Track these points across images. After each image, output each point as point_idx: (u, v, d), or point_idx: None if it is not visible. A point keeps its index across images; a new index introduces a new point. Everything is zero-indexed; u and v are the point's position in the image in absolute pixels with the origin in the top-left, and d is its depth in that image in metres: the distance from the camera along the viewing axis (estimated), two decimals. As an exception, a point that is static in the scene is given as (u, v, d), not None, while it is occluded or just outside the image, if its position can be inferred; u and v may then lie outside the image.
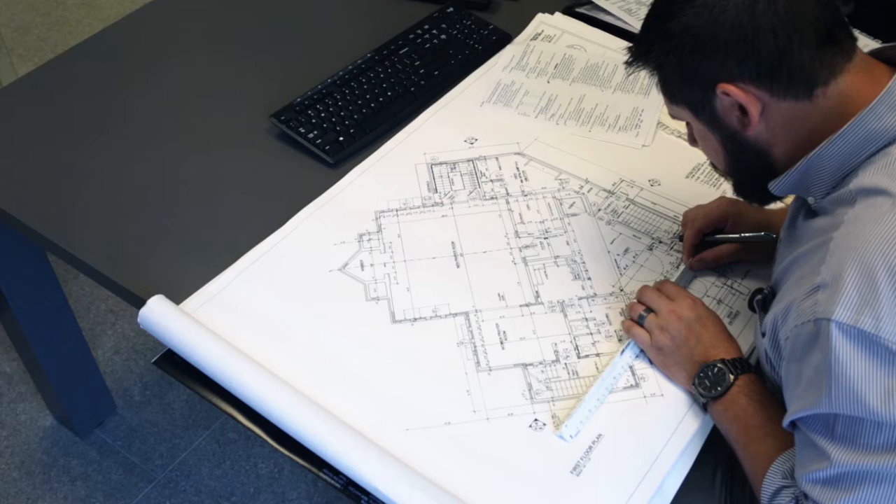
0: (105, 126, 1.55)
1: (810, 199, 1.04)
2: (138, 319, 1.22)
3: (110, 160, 1.49)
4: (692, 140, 1.14)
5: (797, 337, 0.95)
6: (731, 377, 1.11)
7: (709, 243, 1.31)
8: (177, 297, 1.26)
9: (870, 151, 0.97)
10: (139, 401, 2.15)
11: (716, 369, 1.12)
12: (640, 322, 1.21)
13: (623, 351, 1.20)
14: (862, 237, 0.91)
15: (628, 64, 1.08)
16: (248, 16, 1.80)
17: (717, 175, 1.45)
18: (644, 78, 1.62)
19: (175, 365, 1.21)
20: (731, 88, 0.98)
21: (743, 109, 1.00)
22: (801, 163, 1.01)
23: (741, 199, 1.31)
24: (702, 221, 1.31)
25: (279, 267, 1.31)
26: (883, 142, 0.96)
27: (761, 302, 1.11)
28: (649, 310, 1.20)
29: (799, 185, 1.03)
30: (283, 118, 1.51)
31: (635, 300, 1.24)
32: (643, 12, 1.07)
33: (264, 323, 1.24)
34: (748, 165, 1.07)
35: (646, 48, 1.05)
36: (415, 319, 1.25)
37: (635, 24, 1.71)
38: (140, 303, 1.24)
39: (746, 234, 1.29)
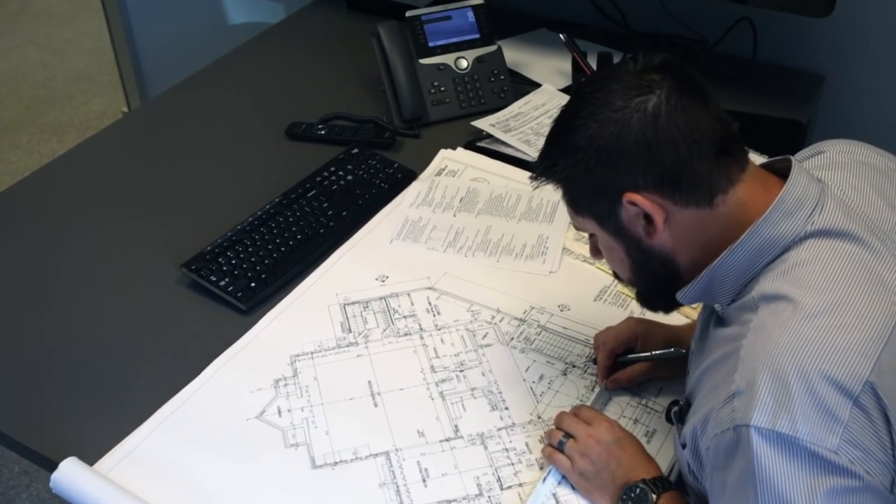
0: (11, 284, 1.53)
1: (717, 307, 1.07)
2: (50, 485, 1.19)
3: (16, 318, 1.47)
4: (595, 252, 1.17)
5: (718, 446, 0.96)
6: (654, 496, 1.12)
7: (621, 364, 1.34)
8: (91, 456, 1.23)
9: (768, 259, 1.02)
10: (56, 567, 2.06)
11: (638, 490, 1.13)
12: (560, 448, 1.21)
13: (545, 478, 1.20)
14: (770, 343, 0.94)
15: (534, 178, 1.12)
16: (154, 167, 1.82)
17: (624, 296, 1.49)
18: (547, 206, 1.67)
19: (91, 530, 1.18)
20: (636, 198, 1.02)
21: (648, 218, 1.04)
22: (706, 273, 1.04)
23: (648, 319, 1.35)
24: (613, 343, 1.33)
25: (195, 419, 1.30)
26: (779, 249, 1.01)
27: (678, 413, 1.13)
28: (568, 435, 1.21)
29: (705, 293, 1.07)
30: (193, 267, 1.51)
31: (554, 427, 1.25)
32: (542, 142, 1.12)
33: (182, 478, 1.22)
34: (654, 273, 1.10)
35: (552, 161, 1.08)
36: (335, 463, 1.24)
37: (534, 154, 1.75)
38: (52, 466, 1.21)
39: (657, 352, 1.32)
